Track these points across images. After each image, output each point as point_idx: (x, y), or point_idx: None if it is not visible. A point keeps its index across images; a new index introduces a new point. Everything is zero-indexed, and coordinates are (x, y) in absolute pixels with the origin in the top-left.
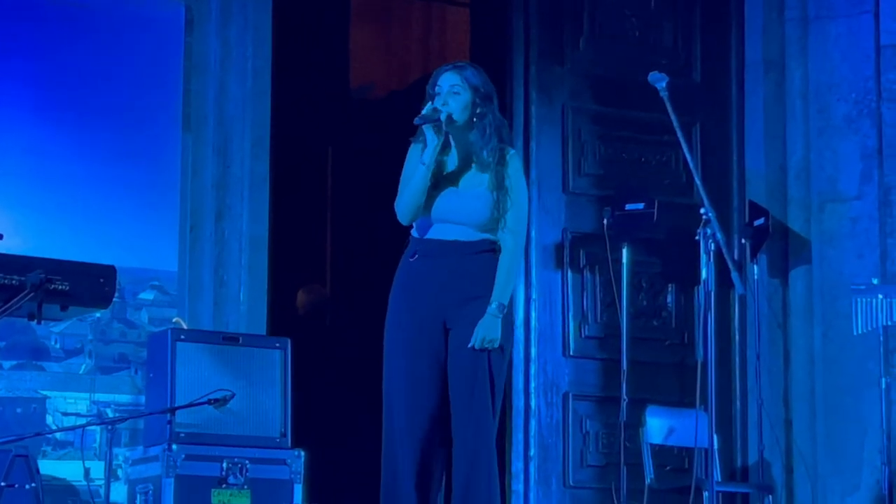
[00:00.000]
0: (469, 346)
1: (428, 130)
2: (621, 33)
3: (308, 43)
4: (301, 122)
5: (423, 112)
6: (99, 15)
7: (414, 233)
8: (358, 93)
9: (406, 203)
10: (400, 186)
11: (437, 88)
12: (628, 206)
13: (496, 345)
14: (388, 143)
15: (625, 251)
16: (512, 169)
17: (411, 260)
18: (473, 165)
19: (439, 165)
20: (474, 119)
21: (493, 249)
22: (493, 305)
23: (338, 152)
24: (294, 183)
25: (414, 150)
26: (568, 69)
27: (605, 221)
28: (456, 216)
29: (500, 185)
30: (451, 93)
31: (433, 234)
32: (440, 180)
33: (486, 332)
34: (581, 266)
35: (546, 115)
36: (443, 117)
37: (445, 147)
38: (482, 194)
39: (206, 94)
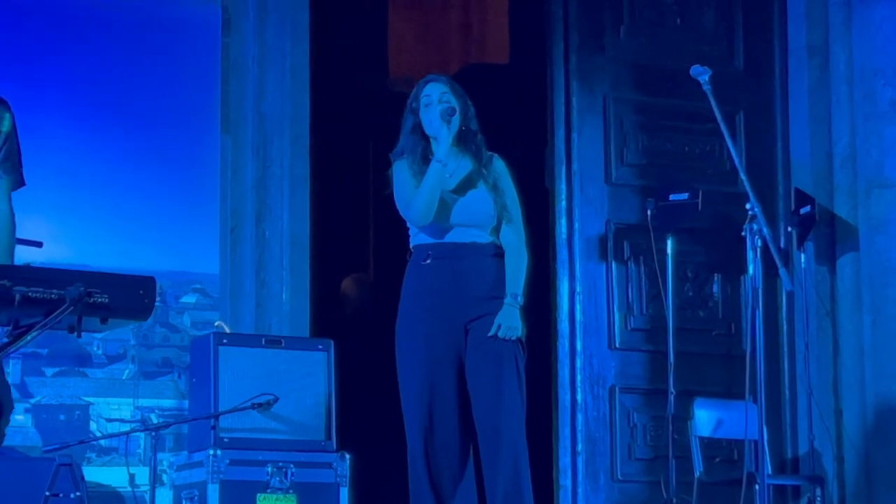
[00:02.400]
0: (489, 334)
1: (442, 128)
2: (662, 21)
3: (345, 36)
4: (340, 118)
5: (441, 110)
6: (135, 16)
7: (420, 240)
8: (396, 85)
9: (425, 202)
10: (400, 199)
11: (424, 100)
12: (672, 197)
13: (518, 333)
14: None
15: (669, 242)
16: (500, 170)
17: (425, 263)
18: (465, 172)
19: (424, 174)
20: (463, 127)
21: (501, 253)
22: (508, 296)
23: (378, 147)
24: (335, 180)
25: (400, 166)
26: (609, 58)
27: (648, 212)
28: (469, 219)
29: (494, 188)
30: (441, 101)
31: (447, 237)
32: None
33: (505, 320)
34: (625, 257)
35: (587, 105)
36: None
37: (427, 158)
38: (484, 197)
39: (244, 95)
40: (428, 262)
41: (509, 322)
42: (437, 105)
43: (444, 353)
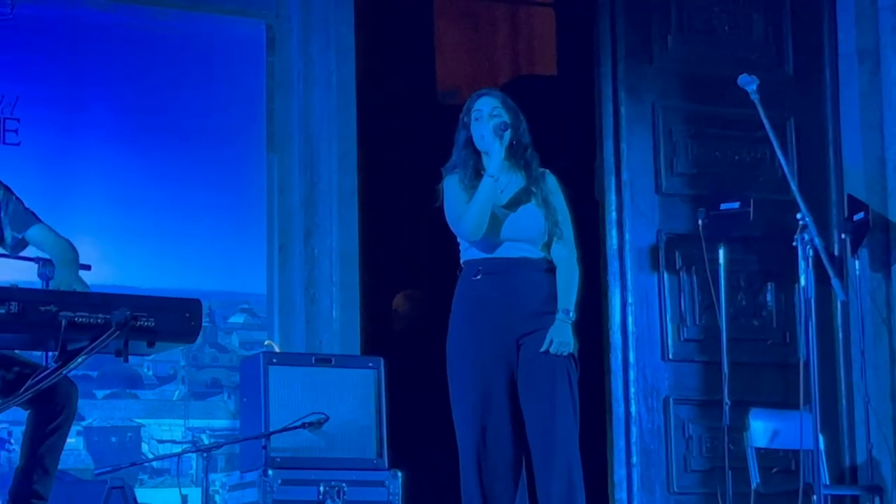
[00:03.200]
0: (542, 350)
1: (495, 143)
2: (710, 28)
3: (392, 50)
4: (388, 133)
5: (493, 125)
6: (180, 37)
7: (471, 255)
8: (444, 98)
9: (476, 217)
10: (451, 213)
11: (475, 114)
12: (723, 206)
13: (570, 348)
14: None
15: (721, 251)
16: (552, 185)
17: (476, 279)
18: (516, 187)
19: (475, 188)
20: (514, 142)
21: (553, 269)
22: (560, 311)
23: (427, 160)
24: (384, 195)
25: (451, 181)
26: (657, 67)
27: (700, 222)
28: (520, 234)
29: (545, 203)
30: (493, 115)
31: (498, 252)
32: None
33: (557, 335)
34: (677, 268)
35: (636, 114)
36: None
37: (479, 173)
38: (534, 212)
39: (290, 112)
40: (479, 277)
41: (561, 337)
42: (488, 119)
43: (496, 369)
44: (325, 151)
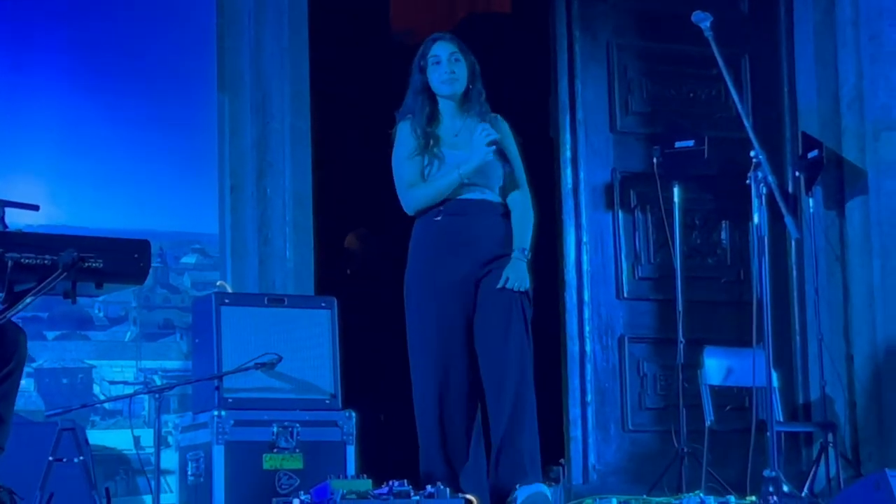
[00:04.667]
0: (498, 286)
1: (480, 152)
2: None
3: None
4: (341, 73)
5: (491, 139)
6: None
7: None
8: (399, 37)
9: (426, 201)
10: (398, 168)
11: (431, 59)
12: (678, 144)
13: (526, 284)
14: None
15: (676, 189)
16: (504, 130)
17: (437, 220)
18: (470, 131)
19: (435, 134)
20: (470, 85)
21: (508, 214)
22: (516, 250)
23: (380, 100)
24: (337, 134)
25: (403, 128)
26: (611, 5)
27: (654, 160)
28: (479, 178)
29: (499, 148)
30: (453, 60)
31: (459, 194)
32: (440, 147)
33: (513, 272)
34: (632, 206)
35: (590, 52)
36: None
37: (434, 117)
38: (490, 157)
39: (240, 51)
40: (439, 218)
41: (517, 274)
42: (446, 63)
43: (455, 310)
44: (277, 91)
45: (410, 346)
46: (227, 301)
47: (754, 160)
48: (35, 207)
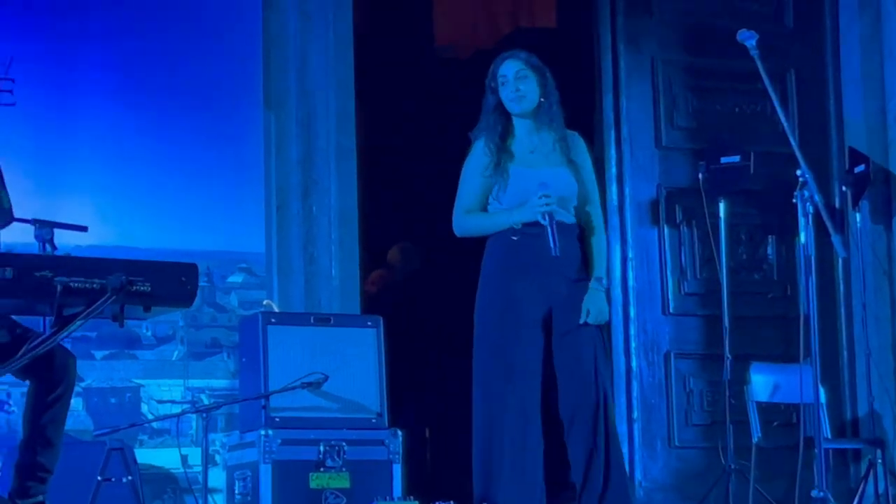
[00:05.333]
0: (581, 321)
1: (537, 214)
2: None
3: (389, 3)
4: (385, 88)
5: (542, 212)
6: None
7: None
8: (442, 52)
9: (474, 233)
10: (462, 186)
11: (500, 79)
12: (724, 159)
13: (605, 318)
14: (476, 104)
15: (721, 205)
16: (580, 147)
17: (514, 239)
18: (545, 147)
19: (509, 151)
20: (542, 100)
21: (582, 234)
22: (594, 280)
23: (424, 115)
24: (382, 151)
25: (476, 148)
26: (656, 20)
27: (700, 175)
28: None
29: (572, 164)
30: (519, 77)
31: (534, 214)
32: (513, 165)
33: (593, 304)
34: (677, 222)
35: (635, 67)
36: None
37: (508, 134)
38: (566, 174)
39: (286, 69)
40: (516, 238)
41: (598, 306)
42: (513, 82)
43: (530, 333)
44: (323, 108)
45: (479, 367)
46: (273, 320)
47: (800, 179)
48: (83, 228)
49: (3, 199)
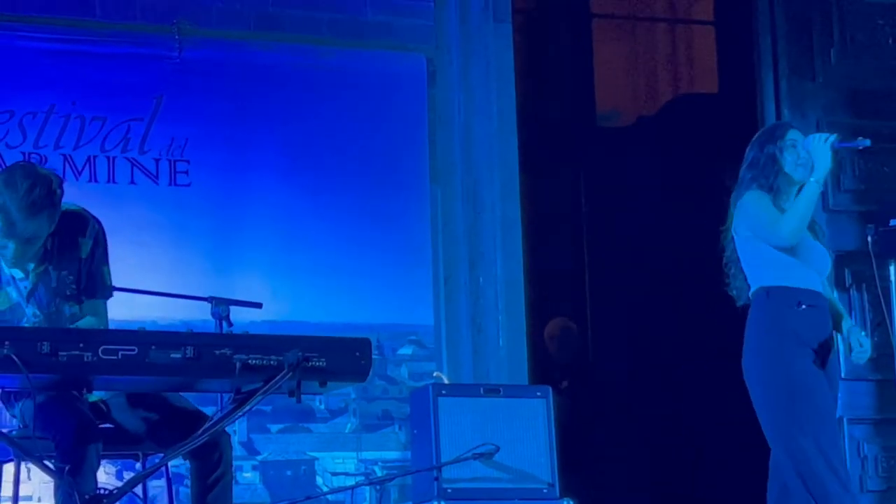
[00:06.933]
0: (853, 356)
1: (828, 154)
2: (874, 42)
3: (550, 72)
4: (549, 158)
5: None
6: (342, 74)
7: (777, 282)
8: (603, 120)
9: (798, 219)
10: (763, 220)
11: (790, 141)
12: (893, 222)
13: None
14: (640, 172)
15: (892, 267)
16: (820, 221)
17: (801, 309)
18: None
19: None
20: None
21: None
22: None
23: (588, 184)
24: (547, 220)
25: (754, 194)
26: (820, 83)
27: (869, 238)
28: (820, 266)
29: (818, 237)
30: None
31: (809, 284)
32: None
33: (866, 342)
34: (847, 285)
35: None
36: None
37: (779, 190)
38: (821, 246)
39: (451, 143)
40: (803, 308)
41: (866, 345)
42: (802, 149)
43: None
44: (487, 180)
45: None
46: (444, 392)
47: None
48: (258, 305)
49: (105, 274)
